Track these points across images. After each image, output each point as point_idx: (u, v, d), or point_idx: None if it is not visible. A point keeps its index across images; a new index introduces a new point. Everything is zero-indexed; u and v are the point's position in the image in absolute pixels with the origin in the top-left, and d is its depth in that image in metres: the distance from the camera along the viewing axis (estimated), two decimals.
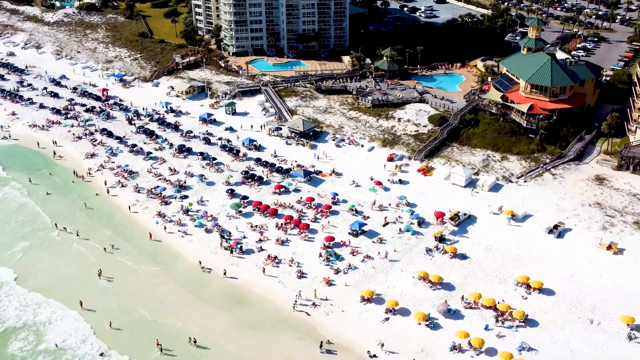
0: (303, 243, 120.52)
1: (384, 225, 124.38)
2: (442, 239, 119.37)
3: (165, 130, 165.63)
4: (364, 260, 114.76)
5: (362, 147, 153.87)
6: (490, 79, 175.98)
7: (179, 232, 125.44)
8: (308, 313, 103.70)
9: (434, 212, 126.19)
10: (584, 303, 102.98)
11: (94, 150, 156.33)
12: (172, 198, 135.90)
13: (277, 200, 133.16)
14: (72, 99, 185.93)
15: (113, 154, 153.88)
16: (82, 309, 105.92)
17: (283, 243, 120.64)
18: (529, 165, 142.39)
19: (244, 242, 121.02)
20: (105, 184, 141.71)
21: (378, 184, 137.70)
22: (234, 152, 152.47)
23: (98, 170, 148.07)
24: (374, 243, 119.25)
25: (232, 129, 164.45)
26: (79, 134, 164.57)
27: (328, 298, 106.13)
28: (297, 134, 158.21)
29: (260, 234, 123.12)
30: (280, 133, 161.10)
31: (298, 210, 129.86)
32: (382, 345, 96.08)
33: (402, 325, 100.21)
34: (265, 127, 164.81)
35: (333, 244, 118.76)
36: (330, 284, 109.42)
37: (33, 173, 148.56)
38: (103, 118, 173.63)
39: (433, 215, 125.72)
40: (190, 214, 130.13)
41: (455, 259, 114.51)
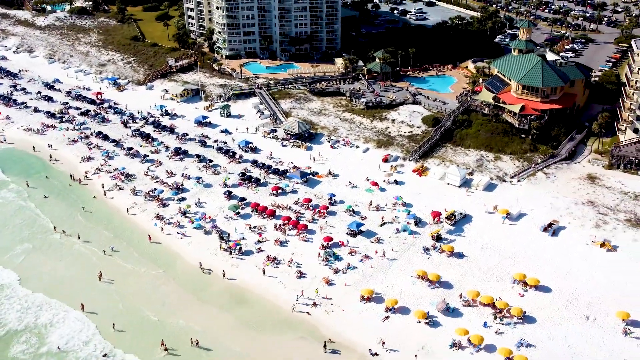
0: (302, 243, 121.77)
1: (381, 225, 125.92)
2: (439, 238, 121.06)
3: (161, 133, 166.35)
4: (363, 260, 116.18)
5: (357, 148, 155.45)
6: (482, 80, 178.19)
7: (178, 233, 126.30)
8: (309, 312, 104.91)
9: (431, 211, 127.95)
10: (580, 300, 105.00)
11: (90, 154, 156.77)
12: (170, 200, 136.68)
13: (274, 202, 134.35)
14: (66, 103, 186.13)
15: (109, 157, 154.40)
16: (84, 311, 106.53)
17: (282, 244, 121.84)
18: (522, 165, 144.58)
19: (243, 243, 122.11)
20: (103, 187, 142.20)
21: (374, 185, 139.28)
22: (230, 154, 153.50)
23: (95, 174, 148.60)
24: (372, 243, 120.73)
25: (227, 132, 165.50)
26: (75, 138, 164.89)
27: (329, 297, 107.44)
28: (292, 136, 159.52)
29: (259, 235, 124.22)
30: (276, 135, 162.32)
31: (296, 211, 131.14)
32: (383, 344, 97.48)
33: (402, 324, 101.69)
34: (260, 129, 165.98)
35: (331, 244, 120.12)
36: (330, 284, 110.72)
37: (30, 177, 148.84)
38: (98, 121, 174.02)
39: (429, 215, 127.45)
40: (189, 216, 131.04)
41: (453, 258, 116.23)
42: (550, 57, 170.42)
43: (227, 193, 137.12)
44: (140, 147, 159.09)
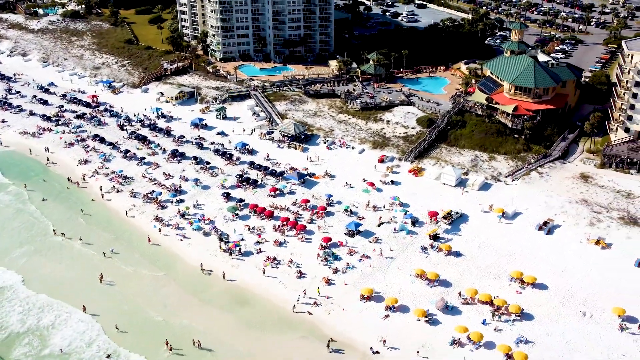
0: (301, 244, 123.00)
1: (379, 225, 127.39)
2: (436, 238, 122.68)
3: (157, 136, 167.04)
4: (362, 260, 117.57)
5: (353, 149, 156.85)
6: (474, 82, 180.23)
7: (177, 235, 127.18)
8: (310, 312, 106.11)
9: (428, 211, 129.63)
10: (576, 296, 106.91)
11: (87, 157, 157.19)
12: (168, 202, 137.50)
13: (272, 203, 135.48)
14: (61, 106, 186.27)
15: (106, 160, 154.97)
16: (86, 313, 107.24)
17: (281, 244, 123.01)
18: (516, 165, 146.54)
19: (243, 244, 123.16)
20: (101, 190, 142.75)
21: (371, 185, 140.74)
22: (227, 156, 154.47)
23: (92, 176, 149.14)
24: (370, 243, 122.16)
25: (223, 134, 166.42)
26: (71, 141, 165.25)
27: (329, 296, 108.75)
28: (288, 138, 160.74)
29: (258, 236, 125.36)
30: (272, 137, 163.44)
31: (294, 212, 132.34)
32: (384, 342, 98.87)
33: (402, 322, 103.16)
34: (256, 131, 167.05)
35: (330, 244, 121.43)
36: (330, 284, 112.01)
37: (28, 180, 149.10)
38: (94, 124, 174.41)
39: (426, 215, 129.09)
40: (188, 218, 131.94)
41: (450, 257, 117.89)
42: (542, 58, 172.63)
43: (225, 194, 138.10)
44: (137, 149, 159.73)
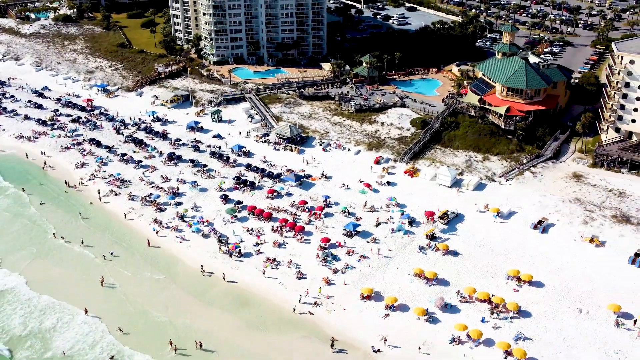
0: (300, 245, 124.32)
1: (377, 226, 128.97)
2: (433, 237, 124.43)
3: (154, 139, 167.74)
4: (360, 260, 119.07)
5: (348, 151, 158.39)
6: (466, 83, 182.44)
7: (177, 237, 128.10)
8: (311, 312, 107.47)
9: (425, 211, 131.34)
10: (572, 294, 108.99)
11: (84, 160, 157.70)
12: (166, 205, 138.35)
13: (270, 204, 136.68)
14: (56, 110, 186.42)
15: (103, 163, 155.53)
16: (88, 315, 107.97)
17: (280, 245, 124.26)
18: (510, 165, 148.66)
19: (242, 245, 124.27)
20: (99, 193, 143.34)
21: (367, 186, 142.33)
22: (224, 158, 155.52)
23: (90, 180, 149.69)
24: (368, 243, 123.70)
25: (220, 136, 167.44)
26: (67, 144, 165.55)
27: (330, 296, 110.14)
28: (284, 140, 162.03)
29: (257, 238, 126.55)
30: (268, 139, 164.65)
31: (292, 214, 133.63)
32: (385, 341, 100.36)
33: (402, 321, 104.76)
34: (251, 133, 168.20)
35: (329, 245, 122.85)
36: (330, 284, 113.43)
37: (25, 183, 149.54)
38: (90, 128, 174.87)
39: (423, 215, 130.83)
40: (186, 220, 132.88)
41: (448, 256, 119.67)
42: (533, 59, 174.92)
43: (223, 197, 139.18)
44: (134, 152, 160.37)
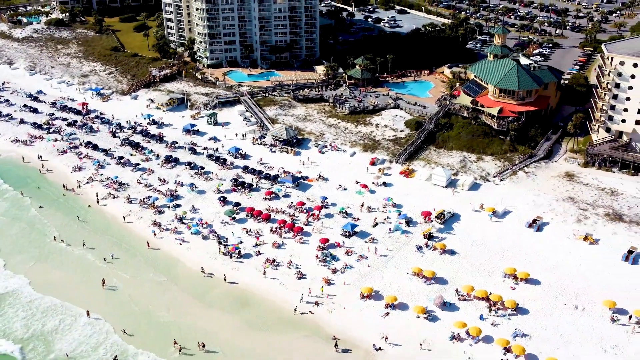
0: (299, 245, 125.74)
1: (374, 226, 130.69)
2: (430, 237, 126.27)
3: (150, 142, 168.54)
4: (359, 260, 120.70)
5: (344, 152, 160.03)
6: (459, 85, 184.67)
7: (177, 239, 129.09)
8: (311, 312, 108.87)
9: (421, 211, 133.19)
10: (568, 291, 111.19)
11: (81, 164, 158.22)
12: (165, 207, 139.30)
13: (268, 206, 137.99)
14: (52, 114, 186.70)
15: (101, 167, 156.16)
16: (90, 317, 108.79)
17: (279, 246, 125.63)
18: (504, 165, 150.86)
19: (241, 246, 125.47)
20: (97, 196, 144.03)
21: (364, 187, 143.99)
22: (221, 160, 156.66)
23: (87, 183, 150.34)
24: (367, 243, 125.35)
25: (216, 139, 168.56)
26: (64, 148, 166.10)
27: (330, 295, 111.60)
28: (280, 142, 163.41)
29: (257, 239, 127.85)
30: (264, 141, 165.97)
31: (290, 215, 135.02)
32: (386, 339, 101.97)
33: (402, 319, 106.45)
34: (247, 135, 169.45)
35: (327, 245, 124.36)
36: (330, 284, 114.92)
37: (23, 187, 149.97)
38: (86, 131, 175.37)
39: (420, 215, 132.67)
40: (185, 222, 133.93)
41: (445, 255, 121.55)
42: (524, 61, 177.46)
43: (221, 199, 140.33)
44: (131, 155, 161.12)
